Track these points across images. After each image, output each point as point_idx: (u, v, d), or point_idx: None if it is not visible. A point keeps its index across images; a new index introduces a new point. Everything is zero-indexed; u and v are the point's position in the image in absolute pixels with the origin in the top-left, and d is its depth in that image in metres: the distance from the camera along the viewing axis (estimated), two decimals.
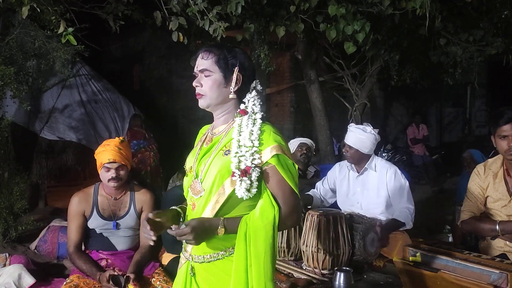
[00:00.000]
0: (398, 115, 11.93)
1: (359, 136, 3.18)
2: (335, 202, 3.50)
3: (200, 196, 1.61)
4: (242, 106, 1.63)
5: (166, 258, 2.92)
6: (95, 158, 2.73)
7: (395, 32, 5.01)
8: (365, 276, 2.64)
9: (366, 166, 3.24)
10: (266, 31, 4.32)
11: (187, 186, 1.71)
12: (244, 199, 1.54)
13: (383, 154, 8.25)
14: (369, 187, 3.24)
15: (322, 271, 2.62)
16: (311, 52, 5.62)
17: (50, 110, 5.82)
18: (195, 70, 1.65)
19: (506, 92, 10.09)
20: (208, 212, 1.58)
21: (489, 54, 4.91)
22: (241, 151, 1.53)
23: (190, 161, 1.73)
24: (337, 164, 3.53)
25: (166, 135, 7.03)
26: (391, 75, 6.03)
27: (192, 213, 1.65)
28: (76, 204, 2.69)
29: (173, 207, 1.74)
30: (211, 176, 1.58)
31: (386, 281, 2.56)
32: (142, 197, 2.81)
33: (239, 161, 1.52)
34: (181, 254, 1.76)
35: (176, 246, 2.89)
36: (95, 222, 2.69)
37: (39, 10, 3.42)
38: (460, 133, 12.64)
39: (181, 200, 2.92)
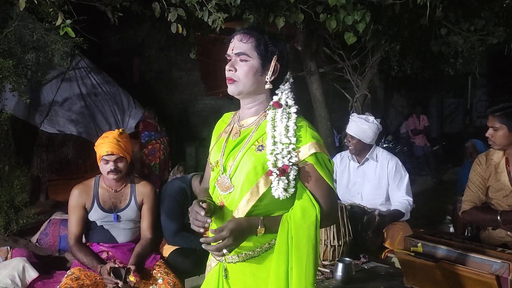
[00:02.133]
0: (399, 105, 11.91)
1: (362, 126, 3.16)
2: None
3: (229, 193, 1.51)
4: (275, 98, 1.53)
5: (167, 250, 2.92)
6: (95, 150, 2.72)
7: (396, 22, 4.97)
8: (366, 267, 2.64)
9: (367, 156, 3.23)
10: (265, 22, 4.28)
11: (213, 181, 1.58)
12: (281, 199, 1.45)
13: (384, 145, 8.25)
14: (370, 178, 3.24)
15: (323, 262, 2.62)
16: (311, 43, 5.58)
17: (49, 103, 5.80)
18: (230, 52, 1.51)
19: (507, 82, 10.06)
20: (240, 211, 1.48)
21: (490, 43, 4.87)
22: (277, 148, 1.44)
23: (216, 155, 1.59)
24: (338, 155, 3.52)
25: (166, 128, 7.02)
26: (391, 66, 6.01)
27: (220, 212, 1.54)
28: (77, 196, 2.68)
29: (207, 199, 1.57)
30: (242, 172, 1.48)
31: (387, 272, 2.56)
32: (142, 189, 2.80)
33: (276, 159, 1.43)
34: (209, 256, 1.66)
35: (176, 238, 2.90)
36: (95, 215, 2.69)
37: (36, 2, 3.40)
38: (461, 123, 12.64)
39: (181, 192, 2.94)
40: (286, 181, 1.43)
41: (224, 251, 1.42)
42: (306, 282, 1.42)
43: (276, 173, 1.43)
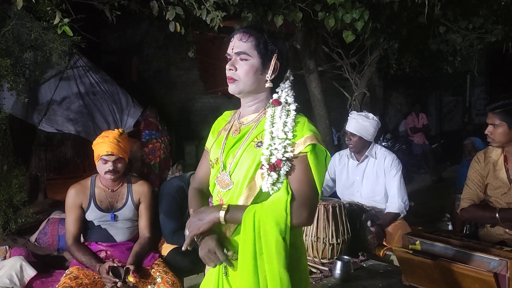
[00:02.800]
0: (398, 104, 11.92)
1: (363, 123, 3.15)
2: (335, 191, 3.50)
3: (229, 190, 1.52)
4: (275, 96, 1.53)
5: (166, 249, 2.92)
6: (93, 149, 2.71)
7: (394, 20, 4.97)
8: (364, 265, 2.64)
9: (366, 153, 3.23)
10: (264, 20, 4.28)
11: (213, 178, 1.60)
12: (270, 193, 1.44)
13: (383, 143, 8.25)
14: (369, 175, 3.24)
15: (321, 260, 2.63)
16: (309, 42, 5.58)
17: (48, 102, 5.80)
18: (229, 51, 1.52)
19: (505, 80, 10.07)
20: None
21: (489, 41, 4.87)
22: (274, 143, 1.44)
23: (215, 152, 1.60)
24: (336, 154, 3.52)
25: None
26: (390, 64, 6.01)
27: None
28: (73, 196, 2.68)
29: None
30: (242, 169, 1.49)
31: (385, 270, 2.56)
32: (139, 188, 2.80)
33: (271, 154, 1.43)
34: None
35: (175, 237, 2.90)
36: (92, 214, 2.68)
37: (34, 1, 3.39)
38: (460, 121, 12.64)
39: (180, 191, 2.93)
40: (276, 176, 1.43)
41: (186, 232, 1.53)
42: (279, 265, 1.39)
43: (267, 168, 1.43)
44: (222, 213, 1.45)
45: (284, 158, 1.43)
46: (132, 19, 7.44)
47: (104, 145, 2.64)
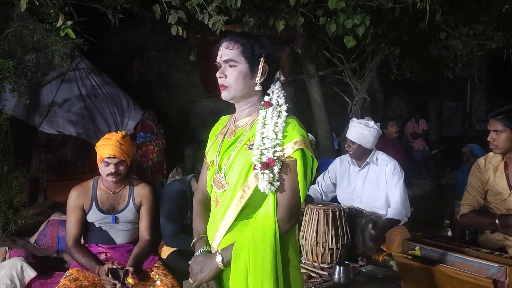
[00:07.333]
0: (398, 109, 11.92)
1: (362, 131, 3.15)
2: (335, 195, 3.50)
3: (224, 191, 1.57)
4: (266, 98, 1.57)
5: (165, 251, 2.93)
6: (96, 150, 2.72)
7: (395, 26, 4.99)
8: (364, 270, 2.64)
9: (368, 160, 3.23)
10: (265, 25, 4.30)
11: (210, 180, 1.65)
12: (267, 193, 1.48)
13: None
14: (370, 181, 3.24)
15: (321, 265, 2.63)
16: (311, 46, 5.61)
17: (49, 104, 5.82)
18: (218, 60, 1.57)
19: (506, 86, 10.08)
20: (233, 208, 1.54)
21: (489, 48, 4.89)
22: (263, 144, 1.48)
23: (212, 155, 1.66)
24: (337, 158, 3.52)
25: (165, 130, 7.02)
26: (391, 69, 6.02)
27: (216, 210, 1.61)
28: (75, 198, 2.68)
29: (201, 239, 1.67)
30: (235, 171, 1.54)
31: (385, 275, 2.56)
32: (141, 191, 2.80)
33: (261, 154, 1.47)
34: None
35: (175, 240, 2.90)
36: (94, 216, 2.69)
37: (37, 3, 3.41)
38: (460, 127, 12.64)
39: (181, 194, 2.94)
40: (271, 175, 1.46)
41: (191, 281, 1.58)
42: (263, 277, 1.43)
43: (259, 167, 1.46)
44: (219, 259, 1.52)
45: (275, 157, 1.47)
46: (134, 22, 7.47)
47: (107, 148, 2.64)
